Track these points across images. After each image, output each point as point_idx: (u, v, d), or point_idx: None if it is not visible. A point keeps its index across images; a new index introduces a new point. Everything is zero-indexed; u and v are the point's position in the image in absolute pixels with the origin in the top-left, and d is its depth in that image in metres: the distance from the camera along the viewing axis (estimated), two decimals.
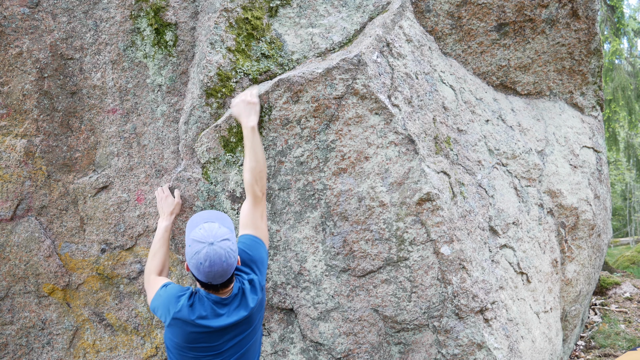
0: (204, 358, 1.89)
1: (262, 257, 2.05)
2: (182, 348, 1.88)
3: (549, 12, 3.14)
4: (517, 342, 2.49)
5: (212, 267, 1.79)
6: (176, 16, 2.57)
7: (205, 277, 1.81)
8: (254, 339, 1.99)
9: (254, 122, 2.25)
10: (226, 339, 1.89)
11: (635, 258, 7.42)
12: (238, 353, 1.93)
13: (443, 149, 2.54)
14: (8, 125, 2.58)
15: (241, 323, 1.90)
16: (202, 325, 1.84)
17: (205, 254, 1.79)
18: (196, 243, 1.81)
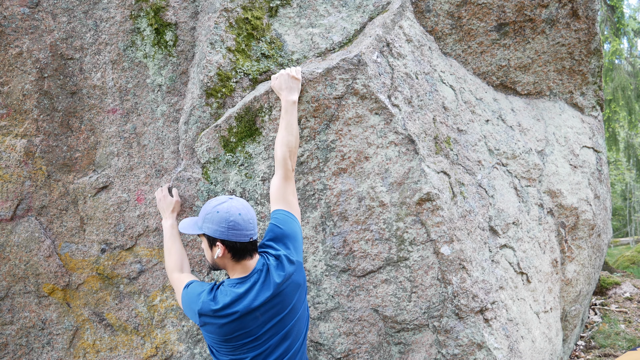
0: (244, 347, 1.84)
1: (295, 232, 2.00)
2: (221, 342, 1.85)
3: (549, 12, 3.14)
4: (517, 342, 2.49)
5: (241, 211, 1.83)
6: (176, 16, 2.57)
7: (240, 227, 1.82)
8: (294, 319, 1.90)
9: (295, 98, 2.23)
10: (261, 322, 1.83)
11: (635, 258, 7.42)
12: (278, 335, 1.86)
13: (443, 149, 2.54)
14: (8, 125, 2.58)
15: (271, 303, 1.84)
16: (229, 313, 1.80)
17: (228, 206, 1.85)
18: (215, 206, 1.86)
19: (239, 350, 1.84)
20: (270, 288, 1.83)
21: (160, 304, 2.62)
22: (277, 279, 1.85)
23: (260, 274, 1.85)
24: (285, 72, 2.27)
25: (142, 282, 2.63)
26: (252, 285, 1.84)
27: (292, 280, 1.90)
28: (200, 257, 2.52)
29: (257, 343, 1.83)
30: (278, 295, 1.85)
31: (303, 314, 1.96)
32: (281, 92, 2.25)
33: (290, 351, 1.88)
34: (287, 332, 1.88)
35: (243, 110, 2.38)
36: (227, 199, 1.89)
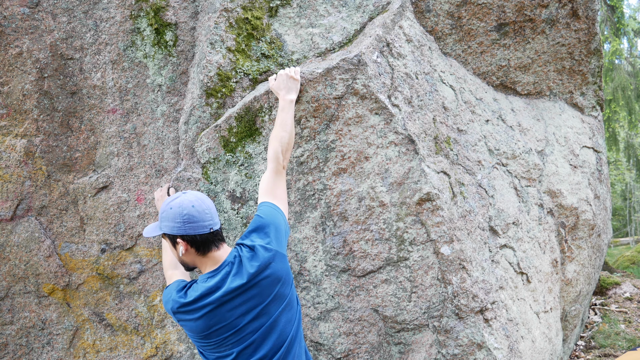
0: (227, 342, 1.78)
1: (278, 223, 1.92)
2: (202, 340, 1.81)
3: (549, 12, 3.14)
4: (517, 342, 2.49)
5: (193, 203, 1.78)
6: (176, 16, 2.57)
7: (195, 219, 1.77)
8: (279, 309, 1.82)
9: (293, 97, 2.22)
10: (240, 314, 1.76)
11: (635, 258, 7.42)
12: (263, 328, 1.78)
13: (443, 149, 2.54)
14: (8, 125, 2.58)
15: (248, 294, 1.76)
16: (201, 306, 1.75)
17: (180, 201, 1.80)
18: (167, 204, 1.81)
19: (222, 346, 1.78)
20: (243, 277, 1.76)
21: (160, 304, 2.62)
22: (250, 269, 1.77)
23: (232, 266, 1.79)
24: (284, 72, 2.27)
25: (142, 282, 2.63)
26: (223, 277, 1.78)
27: (271, 269, 1.81)
28: None
29: (240, 337, 1.77)
30: (255, 285, 1.77)
31: (290, 305, 1.87)
32: (279, 92, 2.25)
33: (281, 345, 1.81)
34: (273, 323, 1.80)
35: (243, 110, 2.38)
36: (180, 194, 1.84)
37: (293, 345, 1.84)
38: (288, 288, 1.87)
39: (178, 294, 1.82)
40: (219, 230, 1.84)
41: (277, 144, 2.12)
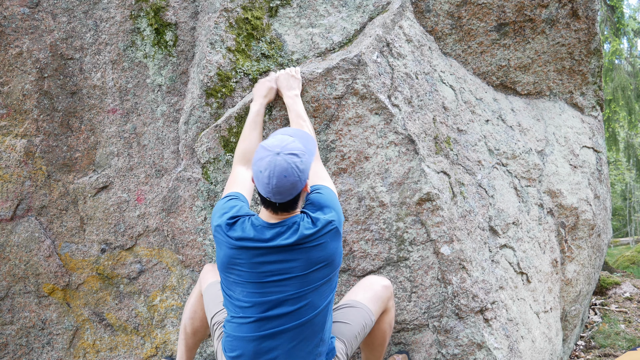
0: (244, 285, 1.76)
1: (339, 206, 1.87)
2: (224, 267, 1.79)
3: (549, 12, 3.14)
4: (517, 342, 2.49)
5: (271, 178, 1.68)
6: (176, 16, 2.57)
7: (264, 189, 1.71)
8: (309, 287, 1.75)
9: (297, 92, 2.21)
10: (268, 270, 1.73)
11: (635, 258, 7.42)
12: (283, 294, 1.73)
13: (443, 149, 2.54)
14: (8, 125, 2.58)
15: (286, 253, 1.72)
16: (241, 245, 1.73)
17: (267, 162, 1.70)
18: (263, 149, 1.73)
19: (240, 286, 1.77)
20: (292, 239, 1.72)
21: (160, 304, 2.62)
22: (305, 231, 1.74)
23: (288, 229, 1.75)
24: (285, 72, 2.27)
25: (142, 282, 2.64)
26: (274, 234, 1.74)
27: (323, 245, 1.76)
28: (200, 257, 2.52)
29: (261, 291, 1.74)
30: (299, 251, 1.73)
31: (324, 291, 1.80)
32: (282, 90, 2.25)
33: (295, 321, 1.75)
34: (293, 297, 1.75)
35: (243, 110, 2.38)
36: (274, 153, 1.70)
37: (307, 328, 1.77)
38: (330, 271, 1.81)
39: (227, 221, 1.79)
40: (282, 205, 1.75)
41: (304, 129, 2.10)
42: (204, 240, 2.50)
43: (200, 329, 2.21)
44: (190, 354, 2.25)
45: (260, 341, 1.76)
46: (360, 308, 2.01)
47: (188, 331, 2.20)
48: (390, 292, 2.11)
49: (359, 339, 2.00)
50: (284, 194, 1.72)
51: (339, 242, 1.82)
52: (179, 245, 2.53)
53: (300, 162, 1.72)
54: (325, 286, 1.81)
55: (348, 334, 1.96)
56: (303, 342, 1.77)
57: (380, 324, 2.10)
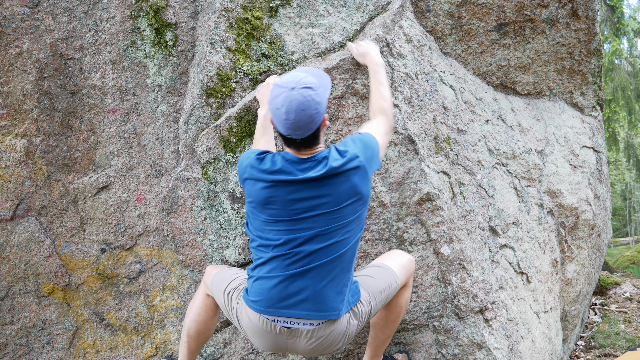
0: (276, 223, 1.78)
1: (374, 148, 1.87)
2: (255, 208, 1.81)
3: (549, 12, 3.14)
4: (517, 342, 2.49)
5: (289, 114, 1.71)
6: (176, 16, 2.57)
7: (283, 125, 1.74)
8: (339, 223, 1.77)
9: (379, 59, 2.20)
10: (300, 207, 1.75)
11: (635, 258, 7.42)
12: (314, 230, 1.75)
13: (443, 149, 2.54)
14: (8, 125, 2.58)
15: (316, 189, 1.74)
16: (272, 179, 1.75)
17: (283, 98, 1.72)
18: (277, 87, 1.75)
19: (271, 225, 1.79)
20: (321, 171, 1.74)
21: (160, 304, 2.63)
22: (333, 163, 1.75)
23: (316, 163, 1.77)
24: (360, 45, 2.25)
25: (142, 282, 2.64)
26: (304, 168, 1.77)
27: (351, 180, 1.78)
28: (200, 257, 2.52)
29: (293, 228, 1.76)
30: (328, 185, 1.75)
31: (353, 227, 1.82)
32: (365, 59, 2.23)
33: (328, 256, 1.76)
34: (325, 233, 1.76)
35: (243, 110, 2.38)
36: (289, 88, 1.72)
37: (337, 265, 1.79)
38: (359, 207, 1.83)
39: (256, 157, 1.84)
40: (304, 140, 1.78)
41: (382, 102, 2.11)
42: (204, 240, 2.50)
43: (205, 332, 2.20)
44: (193, 357, 2.24)
45: (290, 280, 1.77)
46: (386, 269, 2.04)
47: (192, 334, 2.19)
48: (414, 267, 2.16)
49: (383, 297, 1.99)
50: (304, 129, 1.74)
51: (367, 179, 1.83)
52: (179, 245, 2.53)
53: (316, 95, 1.74)
54: (355, 223, 1.83)
55: (373, 288, 1.96)
56: (333, 281, 1.79)
57: (398, 297, 2.11)
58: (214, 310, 2.20)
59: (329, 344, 1.84)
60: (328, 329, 1.80)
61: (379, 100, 2.09)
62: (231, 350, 2.54)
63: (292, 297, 1.76)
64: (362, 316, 1.92)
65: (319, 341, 1.81)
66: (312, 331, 1.79)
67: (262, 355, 2.51)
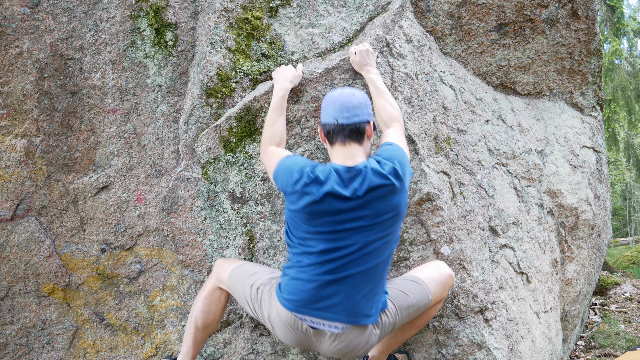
0: (318, 233, 1.84)
1: (408, 162, 1.98)
2: (298, 219, 1.86)
3: (549, 12, 3.14)
4: (517, 342, 2.49)
5: (340, 96, 1.93)
6: (176, 16, 2.57)
7: (332, 109, 1.93)
8: (376, 236, 1.84)
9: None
10: (342, 219, 1.82)
11: (635, 258, 7.42)
12: (352, 240, 1.82)
13: (443, 149, 2.54)
14: (8, 125, 2.58)
15: (359, 200, 1.81)
16: (320, 189, 1.81)
17: (337, 92, 1.99)
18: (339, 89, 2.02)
19: (314, 234, 1.85)
20: (364, 186, 1.82)
21: (160, 304, 2.63)
22: (376, 180, 1.83)
23: (361, 175, 1.84)
24: (358, 48, 2.29)
25: (142, 282, 2.64)
26: (352, 180, 1.84)
27: (390, 196, 1.85)
28: (200, 257, 2.52)
29: (333, 237, 1.83)
30: (369, 202, 1.83)
31: (389, 239, 1.90)
32: (362, 69, 2.29)
33: (367, 264, 1.84)
34: (365, 246, 1.84)
35: (243, 110, 2.38)
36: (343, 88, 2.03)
37: (370, 274, 1.86)
38: (395, 221, 1.91)
39: (310, 172, 1.86)
40: (346, 125, 1.92)
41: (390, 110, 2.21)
42: (204, 240, 2.50)
43: (212, 323, 2.24)
44: (197, 349, 2.26)
45: (324, 286, 1.84)
46: (422, 286, 2.07)
47: (199, 325, 2.22)
48: (452, 283, 2.20)
49: (409, 313, 2.05)
50: (351, 111, 1.92)
51: (404, 194, 1.91)
52: (179, 245, 2.53)
53: (364, 98, 1.98)
54: (391, 236, 1.91)
55: (403, 303, 2.02)
56: (365, 289, 1.86)
57: (429, 310, 2.16)
58: (224, 302, 2.25)
59: (352, 349, 1.91)
60: (352, 334, 1.87)
61: (388, 108, 2.16)
62: (231, 350, 2.54)
63: (324, 300, 1.84)
64: (385, 327, 1.98)
65: (343, 344, 1.89)
66: (336, 335, 1.87)
67: (262, 355, 2.51)
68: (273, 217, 2.43)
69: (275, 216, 2.43)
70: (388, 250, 1.92)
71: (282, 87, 2.22)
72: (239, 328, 2.53)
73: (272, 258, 2.45)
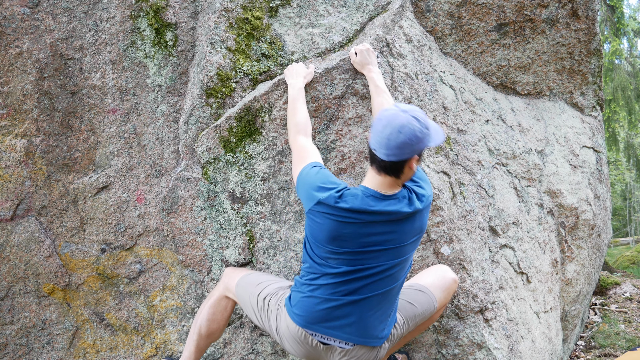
0: (341, 254, 1.79)
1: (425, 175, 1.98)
2: (321, 238, 1.81)
3: (549, 12, 3.14)
4: (517, 342, 2.49)
5: (401, 130, 1.68)
6: (176, 16, 2.57)
7: (380, 136, 1.70)
8: (397, 260, 1.82)
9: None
10: (368, 241, 1.77)
11: (635, 258, 7.42)
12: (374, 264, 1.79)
13: (443, 149, 2.54)
14: (8, 125, 2.58)
15: (392, 224, 1.78)
16: (347, 212, 1.74)
17: (401, 119, 1.71)
18: (393, 111, 1.75)
19: (336, 254, 1.80)
20: (405, 208, 1.79)
21: (160, 304, 2.62)
22: (418, 205, 1.81)
23: (398, 200, 1.79)
24: (359, 48, 2.29)
25: (142, 282, 2.64)
26: (387, 204, 1.78)
27: (420, 219, 1.85)
28: (200, 257, 2.52)
29: (357, 258, 1.79)
30: (403, 224, 1.79)
31: (408, 260, 1.90)
32: (363, 68, 2.27)
33: (384, 287, 1.82)
34: (388, 267, 1.81)
35: (243, 110, 2.38)
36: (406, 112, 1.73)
37: (385, 298, 1.85)
38: (417, 244, 1.92)
39: (335, 195, 1.78)
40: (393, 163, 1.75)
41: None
42: (204, 240, 2.50)
43: (216, 332, 2.23)
44: (199, 355, 2.26)
45: (340, 306, 1.82)
46: (428, 295, 2.07)
47: (203, 333, 2.21)
48: (456, 287, 2.20)
49: (417, 320, 2.06)
50: (403, 150, 1.71)
51: (427, 212, 1.91)
52: (179, 245, 2.53)
53: (422, 133, 1.72)
54: (410, 260, 1.92)
55: (410, 313, 2.02)
56: (379, 312, 1.85)
57: (432, 316, 2.17)
58: (229, 312, 2.23)
59: None
60: (362, 350, 1.87)
61: None
62: (231, 350, 2.54)
63: (337, 320, 1.82)
64: (394, 339, 1.99)
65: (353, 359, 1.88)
66: (346, 351, 1.86)
67: (262, 355, 2.51)
68: (273, 217, 2.43)
69: (275, 216, 2.43)
70: (404, 274, 1.91)
71: (297, 82, 2.23)
72: (239, 328, 2.53)
73: (272, 258, 2.45)
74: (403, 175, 1.80)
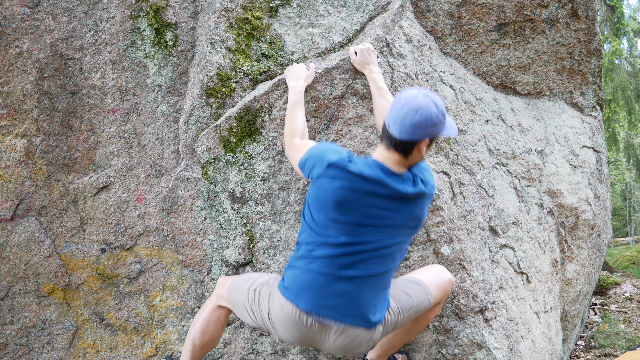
0: (343, 224, 1.79)
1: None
2: (325, 203, 1.80)
3: (549, 12, 3.14)
4: (517, 342, 2.49)
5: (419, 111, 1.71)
6: (176, 16, 2.57)
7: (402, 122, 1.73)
8: (395, 240, 1.84)
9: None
10: (372, 214, 1.78)
11: (635, 258, 7.42)
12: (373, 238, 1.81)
13: (443, 149, 2.54)
14: (8, 125, 2.58)
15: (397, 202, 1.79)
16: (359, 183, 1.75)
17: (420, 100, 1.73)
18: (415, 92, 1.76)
19: (337, 223, 1.80)
20: (411, 190, 1.80)
21: (160, 304, 2.63)
22: (424, 188, 1.83)
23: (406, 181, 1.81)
24: (359, 47, 2.29)
25: (142, 282, 2.64)
26: (396, 181, 1.79)
27: (422, 205, 1.87)
28: (200, 257, 2.52)
29: (356, 229, 1.79)
30: (402, 203, 1.81)
31: (404, 245, 1.91)
32: (364, 68, 2.28)
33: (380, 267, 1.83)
34: (384, 246, 1.82)
35: (243, 110, 2.38)
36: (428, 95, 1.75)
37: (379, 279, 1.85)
38: (415, 232, 1.92)
39: (347, 157, 1.81)
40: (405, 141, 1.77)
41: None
42: (204, 240, 2.50)
43: (210, 343, 2.20)
44: None
45: (335, 281, 1.81)
46: (423, 288, 2.07)
47: (197, 344, 2.18)
48: (452, 288, 2.20)
49: (410, 314, 2.04)
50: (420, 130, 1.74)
51: (428, 205, 1.93)
52: (179, 245, 2.53)
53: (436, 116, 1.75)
54: (405, 245, 1.92)
55: (405, 304, 2.01)
56: (372, 294, 1.85)
57: (427, 313, 2.15)
58: (223, 322, 2.20)
59: (356, 345, 1.89)
60: (357, 329, 1.86)
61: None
62: (231, 350, 2.54)
63: (333, 298, 1.81)
64: (388, 325, 1.97)
65: (348, 340, 1.86)
66: (343, 329, 1.84)
67: (262, 355, 2.51)
68: (273, 217, 2.43)
69: (275, 216, 2.43)
70: (398, 259, 1.91)
71: (298, 85, 2.24)
72: (239, 328, 2.53)
73: (272, 258, 2.45)
74: (411, 157, 1.82)
